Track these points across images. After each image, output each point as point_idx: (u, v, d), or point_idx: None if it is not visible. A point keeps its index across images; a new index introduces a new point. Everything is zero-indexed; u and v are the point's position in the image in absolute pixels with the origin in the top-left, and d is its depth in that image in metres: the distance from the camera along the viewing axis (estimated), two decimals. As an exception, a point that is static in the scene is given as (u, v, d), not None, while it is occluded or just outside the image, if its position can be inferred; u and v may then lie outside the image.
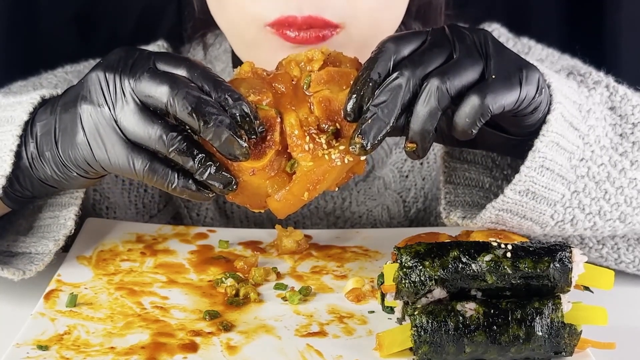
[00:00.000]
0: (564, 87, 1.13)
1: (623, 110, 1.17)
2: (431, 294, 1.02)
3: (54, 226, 1.21)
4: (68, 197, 1.22)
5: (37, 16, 1.89)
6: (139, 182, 1.46)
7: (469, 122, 1.03)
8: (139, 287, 1.17)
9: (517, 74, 1.06)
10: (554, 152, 1.10)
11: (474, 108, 1.03)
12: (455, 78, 1.03)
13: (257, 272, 1.19)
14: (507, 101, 1.05)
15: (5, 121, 1.15)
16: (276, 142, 1.06)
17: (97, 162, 1.09)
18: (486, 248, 1.03)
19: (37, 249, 1.20)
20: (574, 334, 1.02)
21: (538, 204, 1.12)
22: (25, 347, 1.04)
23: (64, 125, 1.10)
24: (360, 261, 1.26)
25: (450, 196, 1.20)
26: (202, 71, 1.06)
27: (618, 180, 1.15)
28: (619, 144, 1.16)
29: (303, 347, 1.06)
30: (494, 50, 1.06)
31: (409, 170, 1.48)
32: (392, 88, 1.03)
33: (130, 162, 1.06)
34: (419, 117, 1.03)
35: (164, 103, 1.04)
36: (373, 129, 1.02)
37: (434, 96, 1.02)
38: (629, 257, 1.25)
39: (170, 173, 1.06)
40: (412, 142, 1.04)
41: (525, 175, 1.09)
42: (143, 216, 1.47)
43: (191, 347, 1.05)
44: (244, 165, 1.06)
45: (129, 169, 1.07)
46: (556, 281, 1.02)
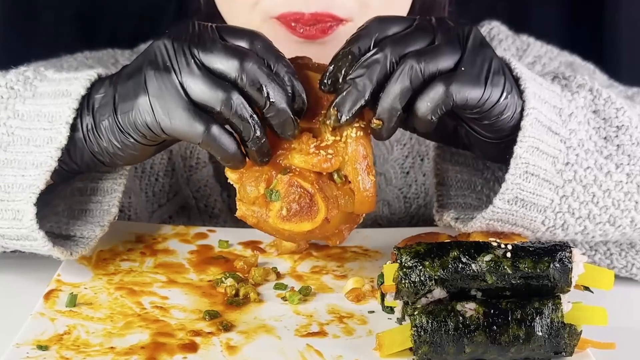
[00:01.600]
0: (544, 91, 1.14)
1: (607, 113, 1.18)
2: (431, 294, 1.02)
3: (98, 211, 1.22)
4: (111, 182, 1.22)
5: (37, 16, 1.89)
6: (150, 170, 1.47)
7: (430, 107, 1.05)
8: (139, 287, 1.17)
9: (485, 73, 1.08)
10: (535, 157, 1.11)
11: (437, 94, 1.05)
12: (430, 61, 1.05)
13: (257, 272, 1.19)
14: (471, 95, 1.06)
15: (60, 94, 1.15)
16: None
17: (157, 124, 1.08)
18: (486, 248, 1.03)
19: (82, 233, 1.21)
20: (574, 334, 1.02)
21: (528, 211, 1.13)
22: (25, 347, 1.04)
23: (126, 92, 1.10)
24: (360, 261, 1.26)
25: (442, 198, 1.21)
26: (264, 43, 1.08)
27: (605, 183, 1.15)
28: (604, 147, 1.16)
29: (303, 347, 1.06)
30: (472, 45, 1.08)
31: (410, 166, 1.49)
32: (369, 63, 1.05)
33: (191, 124, 1.06)
34: (389, 93, 1.05)
35: (234, 76, 1.05)
36: (348, 101, 1.05)
37: (407, 75, 1.05)
38: (621, 263, 1.26)
39: (228, 139, 1.07)
40: (379, 119, 1.06)
41: (512, 183, 1.11)
42: (152, 204, 1.48)
43: (191, 347, 1.05)
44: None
45: (189, 132, 1.07)
46: (556, 281, 1.02)
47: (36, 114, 1.15)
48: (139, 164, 1.46)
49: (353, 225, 1.13)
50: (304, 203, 1.08)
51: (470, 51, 1.07)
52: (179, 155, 1.49)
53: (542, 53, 1.54)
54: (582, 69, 1.55)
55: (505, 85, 1.09)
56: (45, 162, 1.13)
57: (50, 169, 1.13)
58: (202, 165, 1.49)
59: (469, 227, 1.15)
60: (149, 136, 1.10)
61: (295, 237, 1.11)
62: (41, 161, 1.13)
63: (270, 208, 1.09)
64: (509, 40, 1.55)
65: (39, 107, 1.15)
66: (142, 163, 1.47)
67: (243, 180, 1.11)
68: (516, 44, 1.55)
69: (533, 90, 1.12)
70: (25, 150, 1.14)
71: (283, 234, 1.11)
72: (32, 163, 1.13)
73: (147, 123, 1.09)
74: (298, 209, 1.08)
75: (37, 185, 1.12)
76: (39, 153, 1.13)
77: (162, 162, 1.49)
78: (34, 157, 1.13)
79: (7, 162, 1.14)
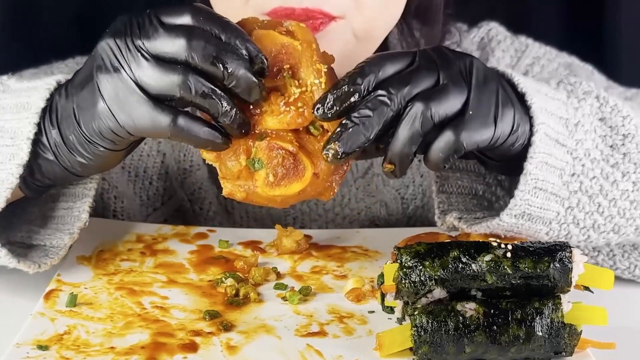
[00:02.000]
0: (549, 103, 1.13)
1: (613, 121, 1.17)
2: (431, 294, 1.02)
3: (68, 218, 1.21)
4: (81, 187, 1.21)
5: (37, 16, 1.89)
6: (144, 174, 1.47)
7: (442, 157, 1.05)
8: (139, 287, 1.17)
9: (494, 112, 1.07)
10: (544, 171, 1.11)
11: (448, 144, 1.04)
12: (440, 105, 1.04)
13: (257, 272, 1.19)
14: (482, 138, 1.06)
15: (21, 107, 1.14)
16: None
17: (122, 129, 1.07)
18: (486, 248, 1.03)
19: (52, 242, 1.20)
20: (574, 334, 1.02)
21: (534, 224, 1.13)
22: (25, 347, 1.04)
23: (83, 102, 1.09)
24: (360, 261, 1.26)
25: (443, 205, 1.21)
26: (207, 14, 1.06)
27: (611, 192, 1.15)
28: (610, 155, 1.16)
29: (303, 347, 1.06)
30: (476, 82, 1.07)
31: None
32: (375, 103, 1.04)
33: (154, 119, 1.05)
34: (400, 139, 1.04)
35: (184, 57, 1.03)
36: (351, 139, 1.03)
37: (418, 120, 1.03)
38: (624, 264, 1.25)
39: (197, 125, 1.05)
40: (391, 163, 1.06)
41: (521, 199, 1.10)
42: (147, 208, 1.47)
43: (191, 347, 1.05)
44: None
45: (155, 128, 1.05)
46: (556, 281, 1.02)
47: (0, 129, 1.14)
48: (132, 168, 1.45)
49: (342, 174, 1.11)
50: (288, 164, 1.07)
51: (475, 88, 1.06)
52: (172, 158, 1.48)
53: (540, 54, 1.54)
54: (581, 69, 1.54)
55: (515, 117, 1.09)
56: (7, 179, 1.12)
57: (11, 187, 1.12)
58: (196, 168, 1.48)
59: (472, 230, 1.15)
60: (117, 141, 1.09)
61: (289, 200, 1.09)
62: (2, 178, 1.12)
63: (255, 178, 1.08)
64: (508, 42, 1.55)
65: (2, 123, 1.14)
66: (136, 167, 1.46)
67: (222, 157, 1.09)
68: (515, 45, 1.55)
69: (540, 105, 1.11)
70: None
71: (275, 200, 1.09)
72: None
73: (112, 129, 1.07)
74: (284, 172, 1.07)
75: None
76: (1, 170, 1.12)
77: (155, 166, 1.48)
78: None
79: None
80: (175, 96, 1.04)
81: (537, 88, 1.14)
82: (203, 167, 1.49)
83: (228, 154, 1.08)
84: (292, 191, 1.07)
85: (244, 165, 1.08)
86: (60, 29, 1.88)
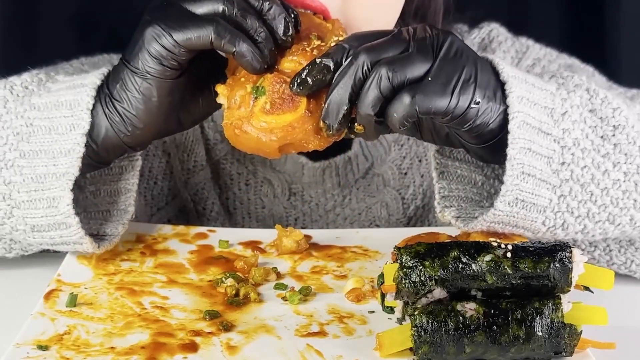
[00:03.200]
0: (534, 92, 1.15)
1: (603, 112, 1.18)
2: (431, 294, 1.02)
3: (114, 211, 1.25)
4: (124, 183, 1.25)
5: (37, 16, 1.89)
6: (149, 174, 1.48)
7: (397, 118, 1.08)
8: (139, 287, 1.17)
9: (453, 83, 1.09)
10: (529, 157, 1.12)
11: (402, 105, 1.07)
12: (401, 70, 1.08)
13: (257, 272, 1.19)
14: (435, 105, 1.08)
15: (77, 86, 1.18)
16: None
17: (169, 37, 1.10)
18: (486, 248, 1.03)
19: (105, 231, 1.24)
20: (574, 334, 1.02)
21: (529, 212, 1.13)
22: (25, 347, 1.04)
23: (133, 41, 1.14)
24: (360, 261, 1.26)
25: (444, 191, 1.22)
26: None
27: (602, 181, 1.16)
28: (601, 145, 1.17)
29: (303, 347, 1.06)
30: (443, 55, 1.09)
31: (407, 167, 1.49)
32: (343, 72, 1.08)
33: (199, 25, 1.10)
34: (362, 102, 1.08)
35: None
36: (331, 113, 1.08)
37: (378, 83, 1.07)
38: (621, 259, 1.26)
39: (237, 33, 1.10)
40: (360, 124, 1.09)
41: (511, 184, 1.11)
42: (151, 208, 1.48)
43: (191, 347, 1.05)
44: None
45: (200, 31, 1.09)
46: (556, 281, 1.02)
47: (53, 104, 1.17)
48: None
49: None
50: (286, 96, 1.11)
51: (441, 60, 1.09)
52: (176, 158, 1.49)
53: (541, 55, 1.55)
54: (581, 71, 1.55)
55: (475, 93, 1.10)
56: (74, 149, 1.15)
57: (79, 155, 1.15)
58: (199, 168, 1.49)
59: (469, 227, 1.15)
60: (164, 58, 1.12)
61: (277, 132, 1.11)
62: (69, 148, 1.15)
63: (254, 105, 1.11)
64: (508, 43, 1.55)
65: (56, 98, 1.18)
66: (141, 167, 1.47)
67: (234, 89, 1.12)
68: (515, 47, 1.55)
69: (518, 94, 1.12)
70: (48, 140, 1.16)
71: (265, 144, 1.11)
72: (59, 151, 1.15)
73: (160, 42, 1.11)
74: (281, 102, 1.10)
75: (72, 172, 1.15)
76: (64, 141, 1.16)
77: (160, 166, 1.49)
78: (60, 145, 1.16)
79: (33, 153, 1.16)
80: (218, 10, 1.10)
81: (523, 78, 1.15)
82: (206, 167, 1.49)
83: (239, 89, 1.12)
84: (283, 121, 1.10)
85: (249, 91, 1.11)
86: (60, 29, 1.88)
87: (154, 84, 1.14)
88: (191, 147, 1.48)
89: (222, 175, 1.50)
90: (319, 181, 1.47)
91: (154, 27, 1.11)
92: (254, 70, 1.11)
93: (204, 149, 1.50)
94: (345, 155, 1.47)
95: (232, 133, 1.12)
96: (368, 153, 1.48)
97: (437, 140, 1.20)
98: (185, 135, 1.49)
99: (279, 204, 1.48)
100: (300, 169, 1.46)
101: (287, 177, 1.48)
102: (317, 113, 1.10)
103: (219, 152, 1.50)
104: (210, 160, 1.50)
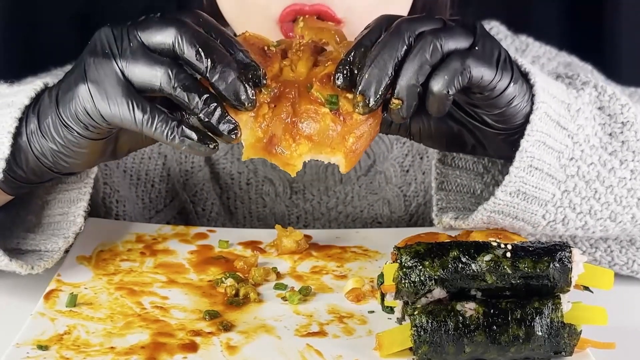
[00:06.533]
0: (552, 86, 1.14)
1: (612, 109, 1.18)
2: (431, 294, 1.02)
3: (64, 223, 1.21)
4: (76, 192, 1.21)
5: (37, 16, 1.90)
6: (146, 177, 1.47)
7: (447, 80, 1.03)
8: (139, 287, 1.17)
9: (497, 57, 1.08)
10: (541, 151, 1.11)
11: (454, 67, 1.03)
12: (448, 39, 1.05)
13: (257, 272, 1.19)
14: (485, 74, 1.06)
15: (6, 105, 1.14)
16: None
17: (96, 111, 1.06)
18: (486, 248, 1.03)
19: (46, 247, 1.20)
20: (574, 334, 1.02)
21: (529, 205, 1.13)
22: (25, 347, 1.04)
23: (67, 84, 1.09)
24: (360, 261, 1.26)
25: (442, 202, 1.22)
26: (208, 19, 1.07)
27: (608, 179, 1.16)
28: (609, 143, 1.17)
29: (303, 347, 1.06)
30: (481, 32, 1.08)
31: (409, 164, 1.49)
32: (385, 42, 1.04)
33: (130, 108, 1.04)
34: (408, 70, 1.03)
35: (171, 43, 1.03)
36: (372, 83, 1.03)
37: (426, 50, 1.03)
38: (622, 260, 1.26)
39: (171, 121, 1.04)
40: (398, 97, 1.04)
41: (515, 176, 1.11)
42: (150, 211, 1.48)
43: (191, 347, 1.05)
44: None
45: (129, 116, 1.04)
46: (556, 281, 1.02)
47: None
48: (134, 172, 1.46)
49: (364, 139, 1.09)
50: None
51: (480, 36, 1.07)
52: (174, 160, 1.49)
53: (540, 53, 1.55)
54: (580, 69, 1.55)
55: (514, 73, 1.09)
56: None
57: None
58: (197, 169, 1.49)
59: (469, 220, 1.15)
60: (91, 126, 1.08)
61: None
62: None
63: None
64: (508, 40, 1.56)
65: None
66: (137, 170, 1.47)
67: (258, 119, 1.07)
68: (515, 44, 1.55)
69: (542, 84, 1.12)
70: None
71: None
72: None
73: (87, 110, 1.07)
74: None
75: None
76: None
77: (156, 168, 1.48)
78: None
79: None
80: (155, 86, 1.04)
81: (539, 72, 1.15)
82: (205, 168, 1.49)
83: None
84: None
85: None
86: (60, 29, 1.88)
87: (80, 140, 1.10)
88: None
89: (223, 175, 1.49)
90: (321, 179, 1.47)
91: (84, 89, 1.06)
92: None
93: None
94: None
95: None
96: (370, 150, 1.48)
97: (447, 143, 1.19)
98: None
99: (280, 203, 1.48)
100: (302, 167, 1.46)
101: (288, 175, 1.48)
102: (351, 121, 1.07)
103: (218, 152, 1.49)
104: (209, 160, 1.49)
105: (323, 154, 1.07)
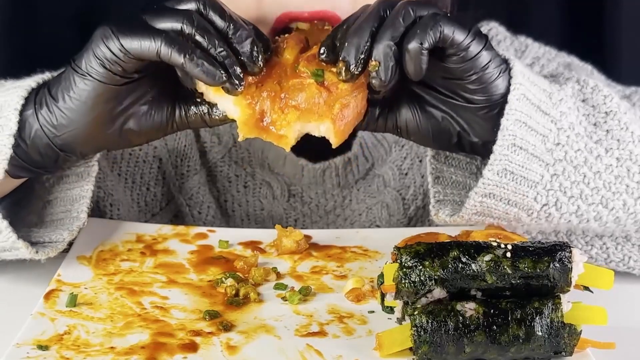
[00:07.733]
0: (532, 75, 1.17)
1: (595, 100, 1.21)
2: (431, 294, 1.02)
3: (67, 219, 1.22)
4: (78, 190, 1.23)
5: (37, 16, 1.90)
6: (141, 180, 1.47)
7: (419, 34, 1.07)
8: (139, 287, 1.17)
9: (469, 26, 1.11)
10: (523, 131, 1.14)
11: (425, 22, 1.08)
12: (422, 7, 1.09)
13: (257, 272, 1.20)
14: (456, 33, 1.09)
15: (10, 88, 1.17)
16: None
17: (116, 41, 1.08)
18: (486, 248, 1.03)
19: (50, 238, 1.21)
20: (574, 334, 1.02)
21: (519, 185, 1.15)
22: (25, 347, 1.04)
23: (85, 46, 1.12)
24: (360, 261, 1.26)
25: (439, 195, 1.23)
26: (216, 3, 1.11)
27: (595, 165, 1.18)
28: (593, 132, 1.19)
29: (303, 347, 1.06)
30: (460, 13, 1.15)
31: (408, 168, 1.49)
32: (366, 14, 1.09)
33: (148, 33, 1.08)
34: (382, 33, 1.08)
35: (194, 7, 1.09)
36: (351, 49, 1.08)
37: (400, 14, 1.08)
38: (618, 256, 1.27)
39: (187, 46, 1.08)
40: (376, 60, 1.08)
41: (499, 154, 1.14)
42: (145, 214, 1.47)
43: (191, 347, 1.05)
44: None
45: (148, 40, 1.07)
46: (556, 281, 1.02)
47: None
48: (129, 175, 1.45)
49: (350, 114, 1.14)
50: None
51: (458, 13, 1.13)
52: (169, 163, 1.48)
53: (540, 54, 1.55)
54: (580, 69, 1.55)
55: (487, 44, 1.12)
56: (1, 151, 1.13)
57: (6, 157, 1.14)
58: (193, 172, 1.48)
59: (463, 211, 1.17)
60: (107, 61, 1.10)
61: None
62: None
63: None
64: (507, 42, 1.56)
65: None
66: (132, 174, 1.47)
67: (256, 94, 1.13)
68: (514, 45, 1.56)
69: (520, 69, 1.15)
70: None
71: None
72: None
73: (107, 44, 1.09)
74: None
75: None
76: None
77: (152, 171, 1.48)
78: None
79: None
80: (176, 27, 1.08)
81: (519, 61, 1.17)
82: (200, 170, 1.49)
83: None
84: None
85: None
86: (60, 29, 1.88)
87: (91, 85, 1.11)
88: (184, 151, 1.47)
89: (220, 178, 1.49)
90: (319, 182, 1.47)
91: (104, 29, 1.10)
92: (212, 82, 1.08)
93: (198, 153, 1.49)
94: (345, 156, 1.47)
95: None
96: (368, 154, 1.48)
97: (442, 143, 1.20)
98: (178, 140, 1.48)
99: (278, 206, 1.48)
100: (300, 171, 1.46)
101: (286, 178, 1.47)
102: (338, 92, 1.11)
103: (215, 154, 1.49)
104: (205, 163, 1.49)
105: (312, 122, 1.12)
